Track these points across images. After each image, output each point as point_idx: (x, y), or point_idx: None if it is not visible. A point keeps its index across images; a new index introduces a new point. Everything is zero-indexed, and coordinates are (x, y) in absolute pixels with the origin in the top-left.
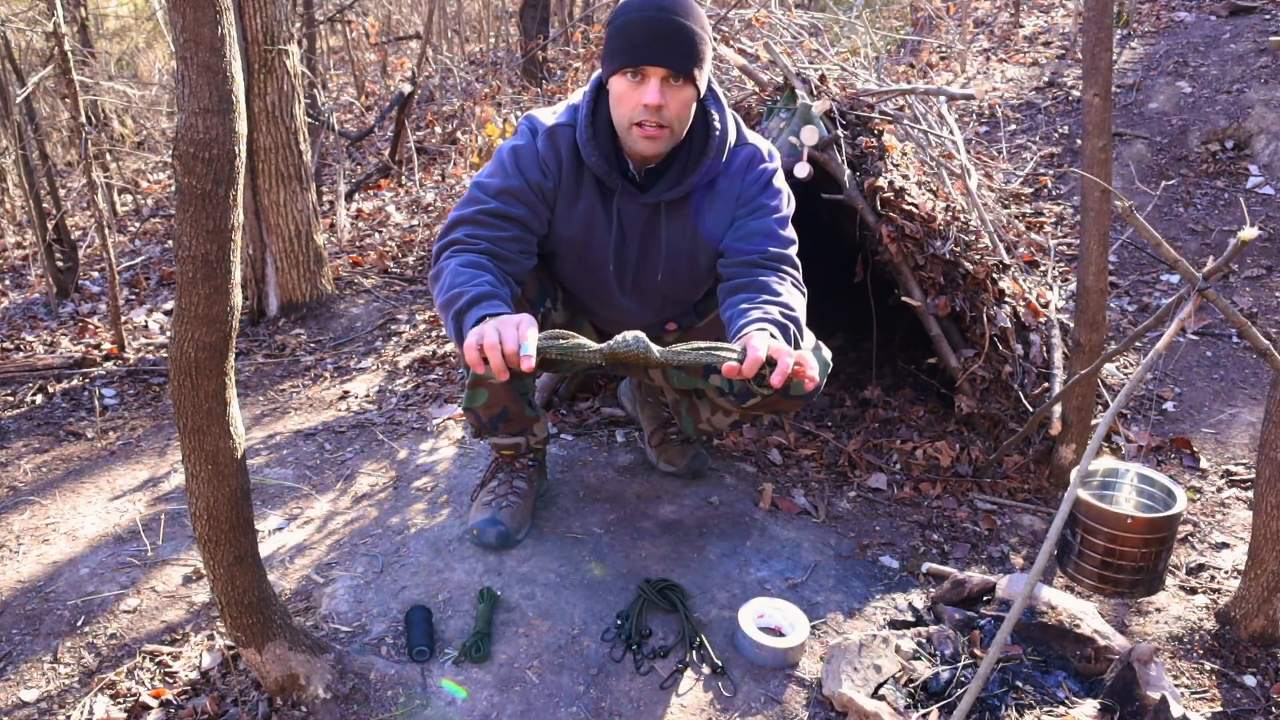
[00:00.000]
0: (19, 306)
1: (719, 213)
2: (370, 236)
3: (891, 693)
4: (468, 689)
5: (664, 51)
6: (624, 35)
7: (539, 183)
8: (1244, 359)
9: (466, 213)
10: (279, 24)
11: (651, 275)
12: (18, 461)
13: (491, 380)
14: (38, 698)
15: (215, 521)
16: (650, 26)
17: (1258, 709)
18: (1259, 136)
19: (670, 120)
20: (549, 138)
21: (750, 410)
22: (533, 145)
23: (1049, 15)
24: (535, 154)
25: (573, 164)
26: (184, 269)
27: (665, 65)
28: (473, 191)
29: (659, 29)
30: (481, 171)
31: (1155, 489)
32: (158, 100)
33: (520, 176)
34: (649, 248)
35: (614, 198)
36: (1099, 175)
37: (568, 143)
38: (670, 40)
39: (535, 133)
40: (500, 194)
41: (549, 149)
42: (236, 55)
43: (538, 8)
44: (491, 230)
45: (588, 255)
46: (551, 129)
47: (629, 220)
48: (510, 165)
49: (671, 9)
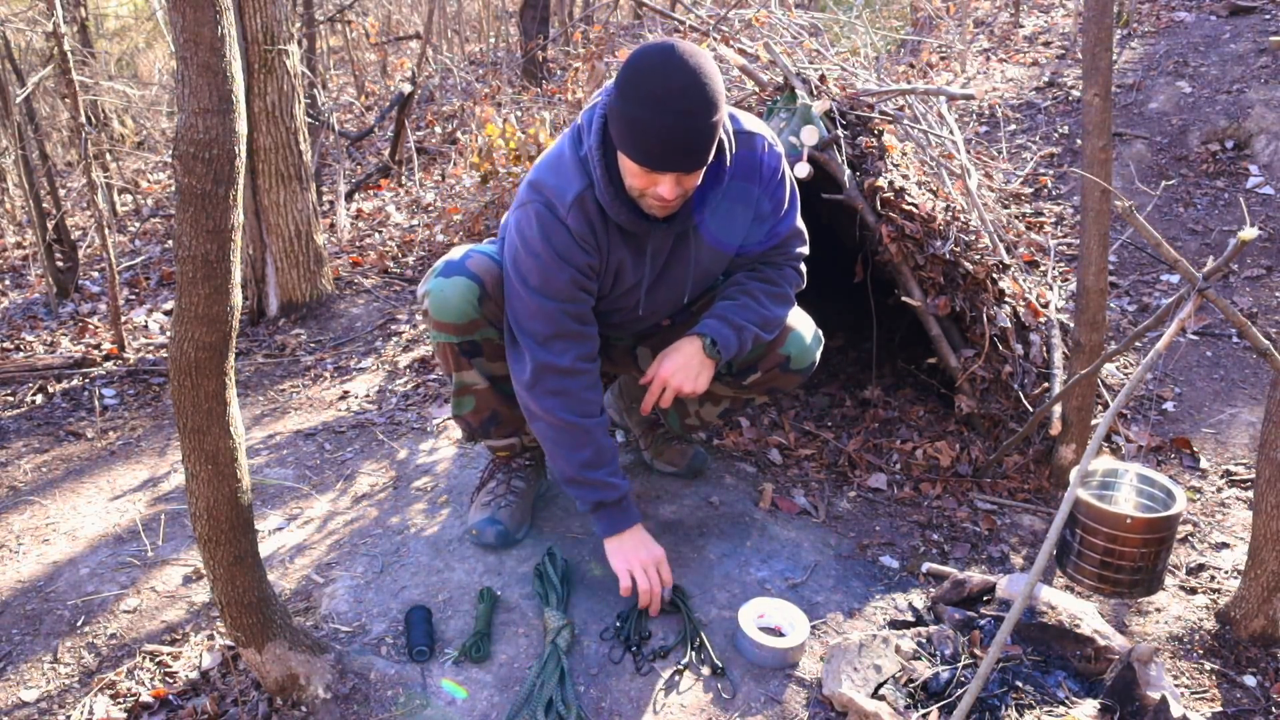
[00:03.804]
0: (19, 306)
1: (733, 216)
2: (370, 236)
3: (891, 693)
4: (468, 689)
5: (680, 162)
6: (638, 134)
7: (587, 264)
8: (1244, 359)
9: (554, 328)
10: (279, 24)
11: (678, 296)
12: (18, 461)
13: (477, 386)
14: (38, 698)
15: (215, 521)
16: (667, 136)
17: (1258, 709)
18: (1259, 136)
19: (685, 193)
20: (579, 212)
21: (748, 390)
22: (562, 227)
23: (1049, 15)
24: (570, 236)
25: (602, 226)
26: (184, 269)
27: (681, 171)
28: (530, 298)
29: (678, 138)
30: (519, 268)
31: (1155, 489)
32: (158, 100)
33: (569, 266)
34: (676, 273)
35: (648, 240)
36: (1099, 175)
37: (594, 208)
38: (687, 149)
39: (554, 209)
40: (565, 294)
41: (583, 224)
42: (236, 55)
43: (538, 8)
44: (589, 344)
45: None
46: (579, 200)
47: (657, 250)
48: (550, 258)
49: (688, 110)
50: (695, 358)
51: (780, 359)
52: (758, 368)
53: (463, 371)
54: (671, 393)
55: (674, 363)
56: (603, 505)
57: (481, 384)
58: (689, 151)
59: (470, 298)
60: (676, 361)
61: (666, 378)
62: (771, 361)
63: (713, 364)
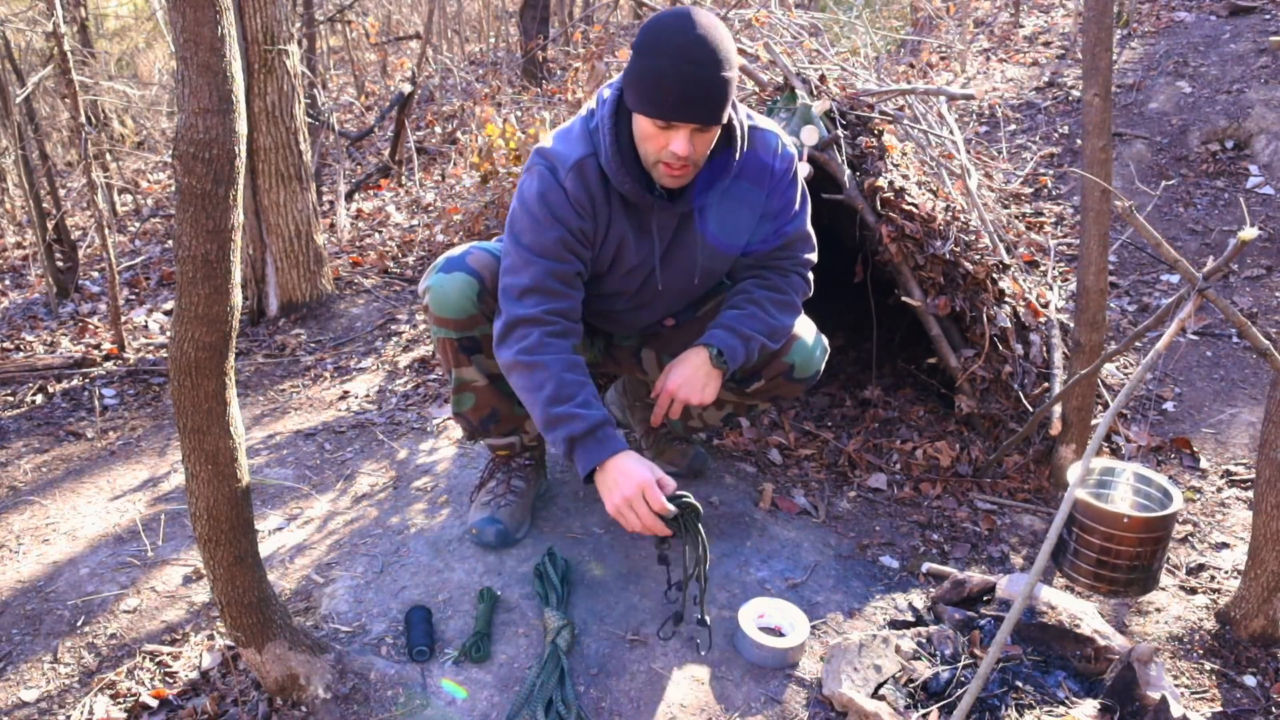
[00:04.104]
0: (19, 306)
1: (738, 218)
2: (370, 236)
3: (891, 693)
4: (468, 689)
5: (696, 111)
6: (655, 88)
7: (579, 227)
8: (1244, 359)
9: (533, 280)
10: (279, 24)
11: (688, 279)
12: (18, 461)
13: (476, 383)
14: (38, 698)
15: (215, 521)
16: (684, 85)
17: (1258, 709)
18: (1259, 136)
19: (696, 159)
20: (578, 176)
21: (751, 397)
22: (559, 188)
23: (1049, 15)
24: (565, 197)
25: (603, 194)
26: (184, 269)
27: (696, 122)
28: (520, 252)
29: (693, 89)
30: (514, 226)
31: (1152, 488)
32: (158, 100)
33: (560, 225)
34: (682, 255)
35: (649, 216)
36: (1099, 175)
37: (595, 174)
38: (704, 99)
39: (555, 171)
40: (552, 251)
41: (580, 189)
42: (236, 55)
43: (538, 8)
44: (564, 300)
45: (612, 278)
46: (579, 163)
47: (662, 230)
48: (544, 215)
49: (705, 60)
50: (702, 369)
51: (784, 367)
52: (761, 375)
53: (462, 368)
54: (680, 405)
55: (681, 374)
56: (574, 441)
57: (481, 381)
58: (704, 101)
59: (470, 293)
60: (684, 373)
61: (674, 390)
62: (775, 370)
63: (720, 374)
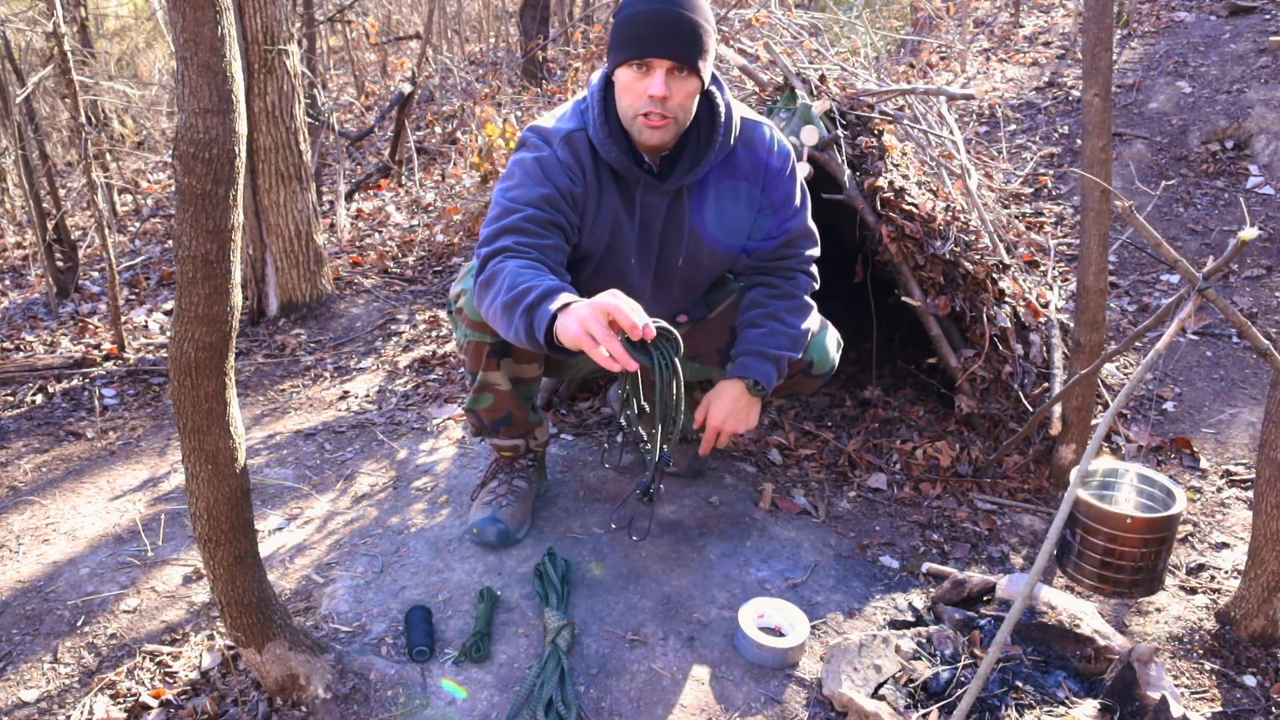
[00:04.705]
0: (19, 306)
1: (735, 216)
2: (370, 236)
3: (891, 693)
4: (468, 689)
5: (669, 44)
6: (630, 27)
7: (569, 189)
8: (1244, 359)
9: (510, 221)
10: (279, 24)
11: (673, 260)
12: (18, 461)
13: (499, 386)
14: (38, 698)
15: (215, 521)
16: (656, 19)
17: (1258, 709)
18: (1259, 136)
19: (675, 110)
20: (567, 144)
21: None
22: (552, 154)
23: (1049, 15)
24: (558, 161)
25: (593, 167)
26: (184, 269)
27: (670, 57)
28: (504, 203)
29: (664, 22)
30: (502, 186)
31: (1155, 489)
32: (158, 100)
33: (550, 184)
34: (670, 234)
35: (636, 190)
36: (1099, 175)
37: (584, 146)
38: (675, 33)
39: (549, 141)
40: (536, 202)
41: (570, 155)
42: (236, 55)
43: (538, 8)
44: (539, 239)
45: (611, 256)
46: (568, 135)
47: (651, 210)
48: (537, 173)
49: (677, 1)
50: (741, 399)
51: (802, 364)
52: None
53: (489, 371)
54: (726, 436)
55: (722, 409)
56: (530, 311)
57: (504, 385)
58: (675, 37)
59: None
60: (725, 407)
61: (718, 425)
62: (794, 368)
63: (759, 400)
